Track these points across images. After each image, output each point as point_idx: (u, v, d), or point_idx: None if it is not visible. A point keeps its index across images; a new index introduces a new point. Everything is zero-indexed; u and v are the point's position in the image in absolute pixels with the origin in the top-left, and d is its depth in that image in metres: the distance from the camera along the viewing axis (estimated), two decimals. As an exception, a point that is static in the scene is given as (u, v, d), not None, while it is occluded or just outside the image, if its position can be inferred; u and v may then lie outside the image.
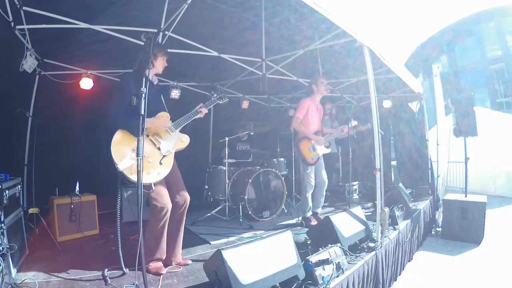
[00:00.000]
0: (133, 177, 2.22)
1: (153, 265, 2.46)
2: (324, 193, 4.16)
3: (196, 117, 2.65)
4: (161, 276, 2.39)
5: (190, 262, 2.73)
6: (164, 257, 2.56)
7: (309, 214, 4.02)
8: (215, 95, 2.82)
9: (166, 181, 2.55)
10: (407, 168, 6.40)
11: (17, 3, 2.60)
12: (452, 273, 3.53)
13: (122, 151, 2.29)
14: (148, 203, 2.47)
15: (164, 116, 2.56)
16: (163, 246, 2.52)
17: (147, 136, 2.42)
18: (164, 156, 2.45)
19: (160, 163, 2.43)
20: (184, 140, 2.60)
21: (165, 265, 2.56)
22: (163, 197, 2.46)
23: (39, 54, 3.63)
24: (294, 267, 2.16)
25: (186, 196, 2.67)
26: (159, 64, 2.62)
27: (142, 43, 2.30)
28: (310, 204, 4.01)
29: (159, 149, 2.46)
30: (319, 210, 4.15)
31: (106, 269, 2.40)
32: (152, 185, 2.35)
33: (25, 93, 3.77)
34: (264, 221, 4.34)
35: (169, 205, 2.48)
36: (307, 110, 3.94)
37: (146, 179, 2.31)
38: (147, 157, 2.35)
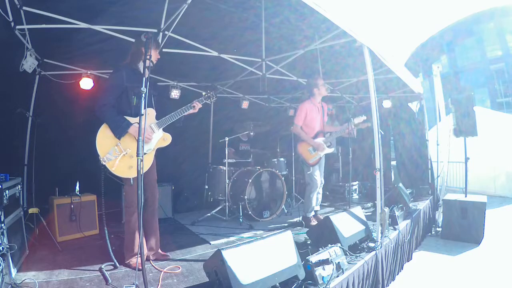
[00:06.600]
0: (115, 171, 2.40)
1: (134, 260, 2.51)
2: (321, 191, 4.21)
3: (176, 119, 2.64)
4: (161, 275, 2.38)
5: (169, 256, 2.76)
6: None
7: (311, 214, 4.05)
8: (204, 93, 2.77)
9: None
10: (407, 168, 6.39)
11: (17, 3, 2.59)
12: (452, 273, 3.53)
13: (106, 145, 2.42)
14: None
15: (149, 114, 2.58)
16: (138, 240, 2.53)
17: None
18: (145, 153, 2.48)
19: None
20: (166, 139, 2.67)
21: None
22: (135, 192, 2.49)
23: (39, 54, 3.63)
24: (294, 267, 2.16)
25: (156, 194, 2.78)
26: (153, 59, 2.59)
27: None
28: (314, 204, 4.03)
29: None
30: (318, 208, 4.20)
31: (102, 265, 2.48)
32: (131, 179, 2.45)
33: (25, 93, 3.76)
34: (264, 221, 4.34)
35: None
36: (305, 115, 3.97)
37: (127, 173, 2.44)
38: (130, 152, 2.46)
